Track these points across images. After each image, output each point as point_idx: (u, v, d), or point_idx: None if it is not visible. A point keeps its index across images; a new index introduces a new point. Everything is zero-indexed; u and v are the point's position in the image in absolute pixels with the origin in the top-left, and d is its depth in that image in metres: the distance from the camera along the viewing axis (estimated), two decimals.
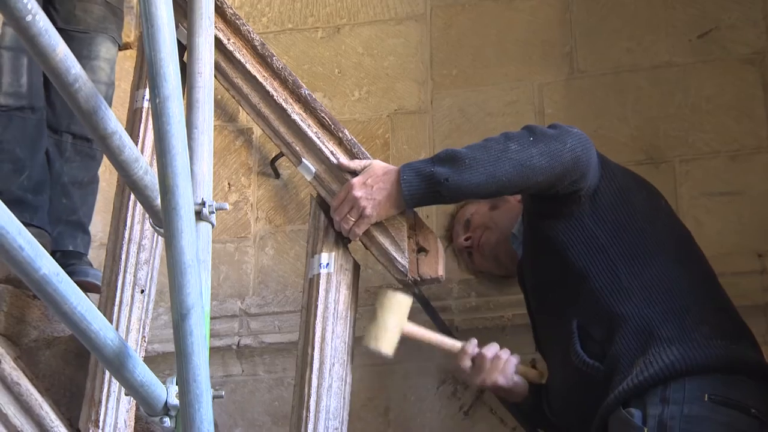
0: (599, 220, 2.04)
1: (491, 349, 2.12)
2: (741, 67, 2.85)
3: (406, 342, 2.14)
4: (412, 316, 2.17)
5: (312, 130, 2.21)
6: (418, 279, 2.11)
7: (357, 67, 3.12)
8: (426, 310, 2.67)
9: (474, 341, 2.14)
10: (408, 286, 2.13)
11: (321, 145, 2.19)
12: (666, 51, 2.91)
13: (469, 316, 2.75)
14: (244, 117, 3.11)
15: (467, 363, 2.13)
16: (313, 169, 2.18)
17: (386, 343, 2.06)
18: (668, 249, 2.05)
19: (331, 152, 2.18)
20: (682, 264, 2.04)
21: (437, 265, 2.11)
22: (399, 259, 2.10)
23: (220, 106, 3.09)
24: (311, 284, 2.12)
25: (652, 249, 2.03)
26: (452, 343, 2.16)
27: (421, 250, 2.12)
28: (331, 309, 2.09)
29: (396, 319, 2.07)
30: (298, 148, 2.20)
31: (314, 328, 2.07)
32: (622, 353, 1.92)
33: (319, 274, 2.12)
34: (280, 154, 3.00)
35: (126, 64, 2.99)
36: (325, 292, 2.10)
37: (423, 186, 2.01)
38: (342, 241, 2.16)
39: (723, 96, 2.84)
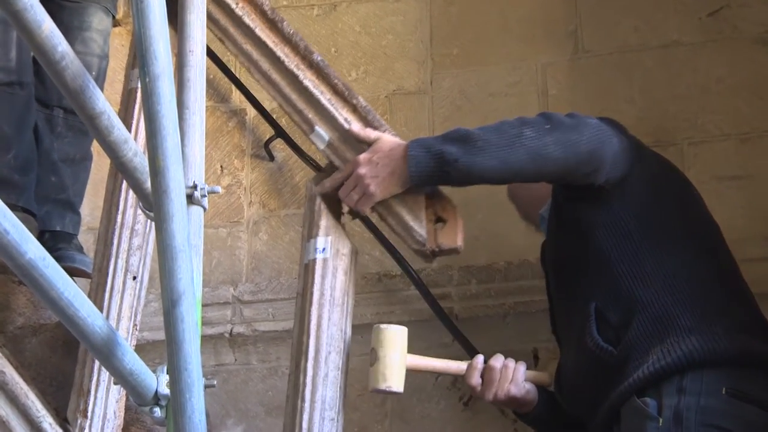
0: (627, 205, 2.03)
1: (498, 360, 2.11)
2: (752, 47, 2.85)
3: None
4: (403, 307, 2.15)
5: (325, 96, 2.19)
6: (437, 249, 2.09)
7: (354, 46, 3.11)
8: (425, 298, 2.68)
9: (480, 357, 2.13)
10: (426, 256, 2.12)
11: (335, 112, 2.18)
12: (675, 30, 2.91)
13: (469, 303, 2.75)
14: (237, 97, 3.11)
15: (477, 379, 2.11)
16: (327, 137, 2.17)
17: (396, 380, 2.03)
18: (695, 239, 2.05)
19: (345, 119, 2.17)
20: (707, 255, 2.04)
21: (456, 235, 2.10)
22: (417, 229, 2.08)
23: (212, 86, 3.09)
24: (307, 270, 2.12)
25: (679, 238, 2.03)
26: (457, 366, 2.15)
27: (439, 219, 2.11)
28: (328, 296, 2.08)
29: (398, 354, 2.05)
30: (310, 116, 2.19)
31: (310, 315, 2.07)
32: (639, 340, 1.92)
33: (315, 260, 2.11)
34: (275, 136, 3.00)
35: (115, 41, 2.98)
36: (321, 278, 2.10)
37: (431, 164, 2.00)
38: (339, 225, 2.16)
39: (733, 76, 2.84)
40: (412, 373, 2.05)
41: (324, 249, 2.12)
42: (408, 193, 2.08)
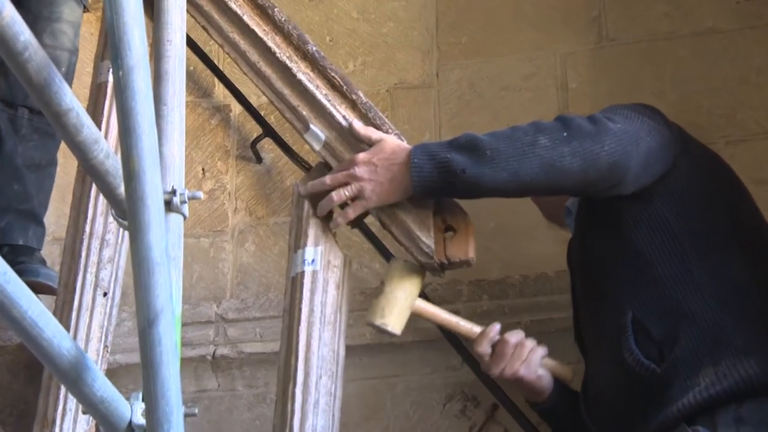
0: (673, 203, 2.02)
1: (515, 336, 2.12)
2: None
3: (408, 351, 2.14)
4: (407, 326, 2.15)
5: (321, 91, 2.20)
6: (446, 262, 2.10)
7: (351, 34, 3.12)
8: None
9: (497, 326, 2.14)
10: (434, 270, 2.12)
11: (332, 108, 2.18)
12: (709, 15, 2.91)
13: (480, 321, 2.73)
14: (220, 92, 3.11)
15: (487, 349, 2.12)
16: (323, 137, 2.17)
17: (393, 318, 2.05)
18: (749, 246, 2.03)
19: (344, 117, 2.17)
20: (761, 263, 2.02)
21: (467, 246, 2.10)
22: (423, 239, 2.09)
23: (192, 79, 3.09)
24: (294, 283, 2.13)
25: (732, 244, 2.02)
26: (470, 327, 2.17)
27: (448, 228, 2.11)
28: (318, 312, 2.09)
29: (405, 293, 2.07)
30: (305, 113, 2.19)
31: (298, 334, 2.07)
32: (687, 358, 1.89)
33: (303, 272, 2.12)
34: (263, 135, 3.01)
35: (82, 29, 2.99)
36: (311, 292, 2.10)
37: (435, 174, 2.01)
38: (330, 233, 2.16)
39: None
40: (418, 389, 2.05)
41: (313, 260, 2.12)
42: (413, 199, 2.09)
